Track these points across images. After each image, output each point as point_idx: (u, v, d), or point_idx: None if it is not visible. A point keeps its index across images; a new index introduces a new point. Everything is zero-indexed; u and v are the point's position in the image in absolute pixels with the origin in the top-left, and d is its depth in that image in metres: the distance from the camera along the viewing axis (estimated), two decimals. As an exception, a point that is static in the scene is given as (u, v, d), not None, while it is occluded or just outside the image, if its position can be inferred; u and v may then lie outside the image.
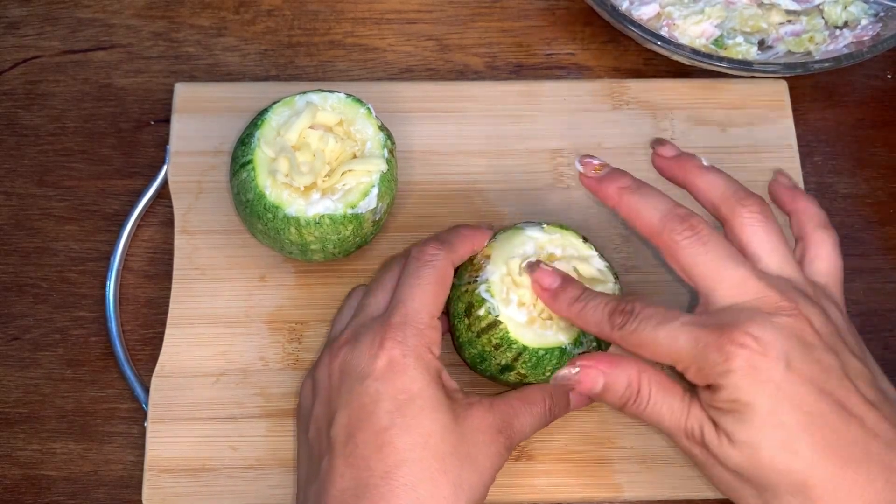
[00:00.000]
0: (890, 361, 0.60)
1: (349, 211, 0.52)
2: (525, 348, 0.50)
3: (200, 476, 0.54)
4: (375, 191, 0.53)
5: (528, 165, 0.62)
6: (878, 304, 0.61)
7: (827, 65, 0.61)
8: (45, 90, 0.65)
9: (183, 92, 0.62)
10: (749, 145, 0.63)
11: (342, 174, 0.53)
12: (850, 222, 0.63)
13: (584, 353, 0.50)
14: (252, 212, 0.53)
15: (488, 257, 0.52)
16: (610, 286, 0.51)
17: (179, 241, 0.59)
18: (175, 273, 0.58)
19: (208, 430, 0.55)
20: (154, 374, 0.56)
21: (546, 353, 0.50)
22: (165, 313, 0.57)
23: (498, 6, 0.69)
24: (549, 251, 0.52)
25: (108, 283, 0.59)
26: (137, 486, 0.54)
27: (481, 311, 0.50)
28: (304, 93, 0.55)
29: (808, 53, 0.64)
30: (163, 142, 0.63)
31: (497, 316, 0.50)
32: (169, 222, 0.60)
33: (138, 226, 0.61)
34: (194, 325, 0.57)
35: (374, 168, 0.53)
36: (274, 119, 0.54)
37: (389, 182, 0.54)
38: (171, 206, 0.60)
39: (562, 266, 0.51)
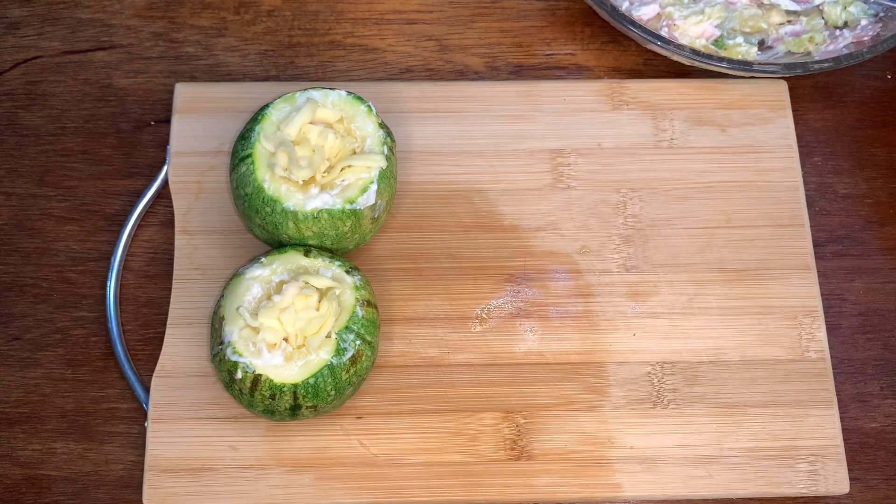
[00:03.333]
0: (890, 361, 0.60)
1: (348, 206, 0.52)
2: (296, 385, 0.50)
3: (200, 476, 0.54)
4: (374, 187, 0.53)
5: (528, 165, 0.62)
6: (878, 304, 0.61)
7: (827, 65, 0.61)
8: (45, 90, 0.65)
9: (183, 92, 0.62)
10: (749, 145, 0.63)
11: (341, 170, 0.53)
12: (850, 222, 0.63)
13: (353, 356, 0.50)
14: (250, 206, 0.53)
15: (223, 318, 0.51)
16: (348, 285, 0.52)
17: (180, 241, 0.59)
18: (175, 273, 0.58)
19: (208, 430, 0.55)
20: (154, 374, 0.56)
21: (317, 378, 0.50)
22: (165, 313, 0.57)
23: (498, 6, 0.69)
24: (277, 280, 0.52)
25: (108, 283, 0.59)
26: (137, 485, 0.54)
27: (239, 374, 0.50)
28: (306, 90, 0.55)
29: (808, 54, 0.64)
30: (163, 142, 0.63)
31: (254, 371, 0.50)
32: (169, 222, 0.60)
33: (138, 226, 0.61)
34: (194, 325, 0.57)
35: (373, 164, 0.53)
36: (274, 114, 0.54)
37: (389, 179, 0.54)
38: (171, 207, 0.60)
39: (293, 288, 0.50)
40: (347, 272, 0.52)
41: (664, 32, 0.64)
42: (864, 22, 0.65)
